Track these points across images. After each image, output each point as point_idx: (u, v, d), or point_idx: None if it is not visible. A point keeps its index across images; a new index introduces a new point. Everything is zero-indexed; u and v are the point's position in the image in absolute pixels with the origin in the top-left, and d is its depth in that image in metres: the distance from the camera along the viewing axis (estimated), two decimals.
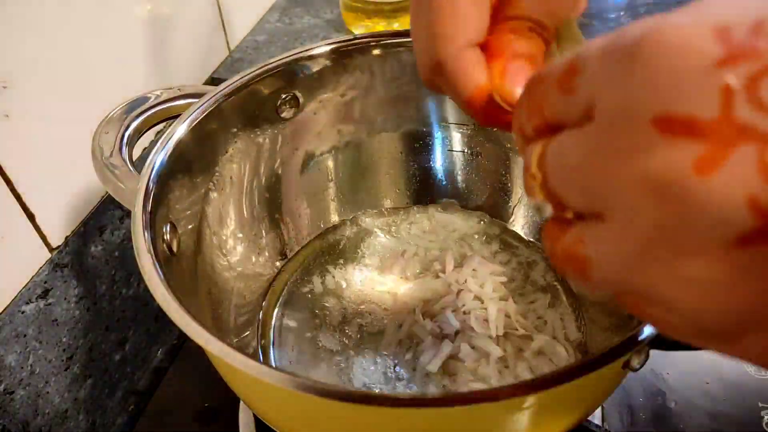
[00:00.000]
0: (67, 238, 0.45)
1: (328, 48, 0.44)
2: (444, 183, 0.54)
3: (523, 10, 0.23)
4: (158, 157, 0.36)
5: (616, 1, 0.77)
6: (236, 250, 0.45)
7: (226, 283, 0.44)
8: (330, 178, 0.52)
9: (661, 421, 0.44)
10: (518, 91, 0.23)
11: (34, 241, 0.43)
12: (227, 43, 0.68)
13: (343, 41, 0.44)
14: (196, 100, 0.40)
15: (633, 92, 0.14)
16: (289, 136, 0.47)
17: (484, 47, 0.24)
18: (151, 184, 0.34)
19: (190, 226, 0.39)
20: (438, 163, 0.53)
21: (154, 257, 0.31)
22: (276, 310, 0.48)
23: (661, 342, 0.28)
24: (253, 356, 0.30)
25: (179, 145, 0.38)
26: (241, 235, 0.46)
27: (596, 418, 0.44)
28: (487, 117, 0.24)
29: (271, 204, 0.49)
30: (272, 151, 0.47)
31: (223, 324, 0.42)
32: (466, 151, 0.52)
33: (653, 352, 0.29)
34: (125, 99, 0.41)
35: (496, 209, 0.53)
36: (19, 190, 0.41)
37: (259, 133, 0.45)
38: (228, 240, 0.45)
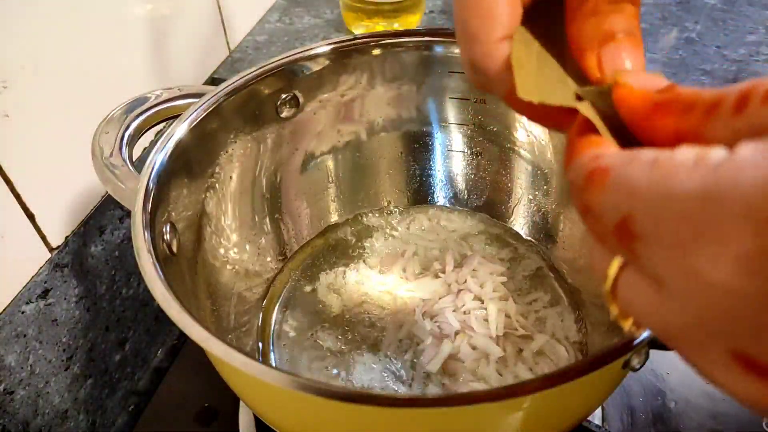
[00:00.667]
0: (67, 238, 0.45)
1: (328, 48, 0.44)
2: (444, 183, 0.54)
3: None
4: (158, 157, 0.36)
5: None
6: (236, 250, 0.45)
7: (226, 283, 0.44)
8: (330, 178, 0.52)
9: (661, 421, 0.44)
10: (623, 76, 0.19)
11: (34, 241, 0.43)
12: (227, 43, 0.68)
13: (343, 41, 0.44)
14: (196, 100, 0.40)
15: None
16: (289, 136, 0.47)
17: (571, 41, 0.22)
18: (151, 184, 0.34)
19: (190, 226, 0.39)
20: (438, 163, 0.53)
21: (154, 257, 0.31)
22: (276, 309, 0.48)
23: (661, 342, 0.28)
24: (253, 356, 0.30)
25: (179, 145, 0.38)
26: (241, 235, 0.46)
27: (596, 418, 0.44)
28: (531, 111, 0.22)
29: (271, 204, 0.49)
30: (272, 151, 0.47)
31: (223, 324, 0.42)
32: (466, 151, 0.52)
33: (653, 352, 0.29)
34: (125, 99, 0.41)
35: (496, 209, 0.53)
36: (19, 190, 0.41)
37: (259, 133, 0.45)
38: (228, 240, 0.45)
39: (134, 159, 0.39)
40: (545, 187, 0.49)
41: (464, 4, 0.22)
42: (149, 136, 0.51)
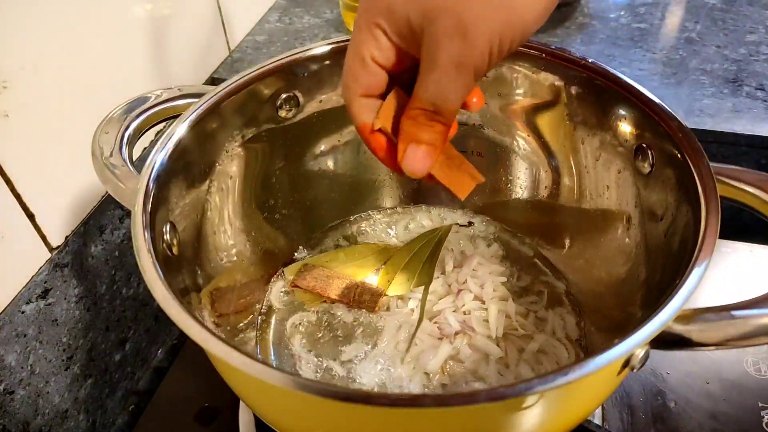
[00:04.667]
0: (67, 238, 0.45)
1: (328, 48, 0.44)
2: None
3: (418, 102, 0.30)
4: (158, 157, 0.36)
5: (616, 1, 0.77)
6: (236, 250, 0.45)
7: (225, 283, 0.44)
8: (330, 178, 0.52)
9: (661, 421, 0.44)
10: (414, 168, 0.32)
11: (34, 241, 0.43)
12: (227, 43, 0.68)
13: (343, 41, 0.44)
14: (196, 100, 0.40)
15: None
16: (289, 136, 0.47)
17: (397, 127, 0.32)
18: (151, 184, 0.34)
19: (190, 226, 0.39)
20: None
21: (154, 257, 0.31)
22: (276, 310, 0.48)
23: (661, 342, 0.28)
24: (253, 356, 0.30)
25: (179, 145, 0.38)
26: (241, 235, 0.46)
27: (596, 418, 0.44)
28: (369, 145, 0.33)
29: (271, 204, 0.49)
30: (272, 151, 0.47)
31: (223, 324, 0.42)
32: (466, 151, 0.52)
33: (653, 352, 0.29)
34: (125, 99, 0.41)
35: (496, 209, 0.53)
36: (19, 190, 0.41)
37: (259, 133, 0.45)
38: (228, 239, 0.45)
39: (134, 159, 0.39)
40: (545, 187, 0.49)
41: (346, 59, 0.31)
42: (149, 136, 0.51)
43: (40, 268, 0.43)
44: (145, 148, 0.52)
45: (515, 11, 0.27)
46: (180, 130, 0.38)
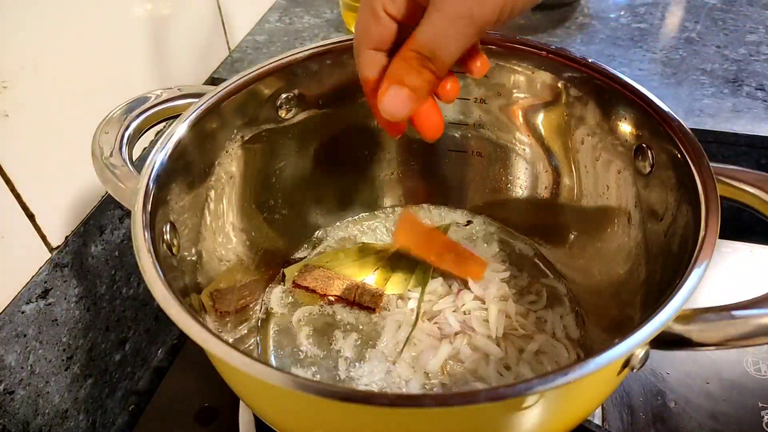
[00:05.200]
0: (67, 238, 0.45)
1: (328, 48, 0.44)
2: (444, 183, 0.54)
3: (415, 44, 0.29)
4: (158, 157, 0.36)
5: (616, 1, 0.77)
6: (236, 250, 0.45)
7: (226, 284, 0.44)
8: (330, 178, 0.52)
9: (661, 421, 0.44)
10: (391, 110, 0.31)
11: (34, 241, 0.43)
12: (227, 43, 0.68)
13: (343, 41, 0.44)
14: (196, 100, 0.40)
15: None
16: (289, 136, 0.47)
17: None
18: (151, 184, 0.34)
19: (190, 226, 0.39)
20: (438, 163, 0.53)
21: (154, 257, 0.31)
22: (276, 310, 0.48)
23: (661, 342, 0.28)
24: (253, 356, 0.30)
25: (179, 145, 0.38)
26: (241, 236, 0.46)
27: (596, 418, 0.44)
28: (369, 100, 0.34)
29: (271, 204, 0.49)
30: (272, 151, 0.47)
31: (223, 324, 0.42)
32: (466, 151, 0.52)
33: (653, 352, 0.29)
34: (125, 99, 0.41)
35: (496, 209, 0.53)
36: (19, 190, 0.41)
37: (259, 133, 0.45)
38: (228, 240, 0.45)
39: (134, 159, 0.39)
40: (545, 187, 0.49)
41: (358, 12, 0.32)
42: (149, 136, 0.51)
43: (40, 268, 0.43)
44: (145, 148, 0.52)
45: None
46: (180, 130, 0.38)
